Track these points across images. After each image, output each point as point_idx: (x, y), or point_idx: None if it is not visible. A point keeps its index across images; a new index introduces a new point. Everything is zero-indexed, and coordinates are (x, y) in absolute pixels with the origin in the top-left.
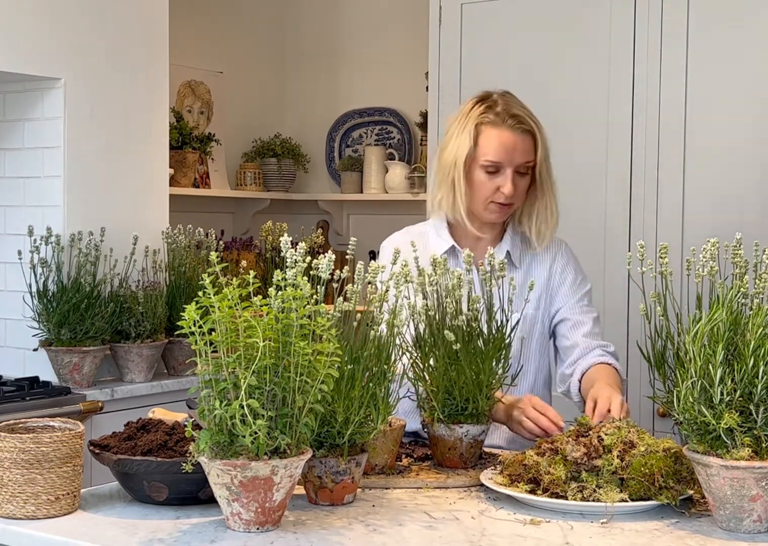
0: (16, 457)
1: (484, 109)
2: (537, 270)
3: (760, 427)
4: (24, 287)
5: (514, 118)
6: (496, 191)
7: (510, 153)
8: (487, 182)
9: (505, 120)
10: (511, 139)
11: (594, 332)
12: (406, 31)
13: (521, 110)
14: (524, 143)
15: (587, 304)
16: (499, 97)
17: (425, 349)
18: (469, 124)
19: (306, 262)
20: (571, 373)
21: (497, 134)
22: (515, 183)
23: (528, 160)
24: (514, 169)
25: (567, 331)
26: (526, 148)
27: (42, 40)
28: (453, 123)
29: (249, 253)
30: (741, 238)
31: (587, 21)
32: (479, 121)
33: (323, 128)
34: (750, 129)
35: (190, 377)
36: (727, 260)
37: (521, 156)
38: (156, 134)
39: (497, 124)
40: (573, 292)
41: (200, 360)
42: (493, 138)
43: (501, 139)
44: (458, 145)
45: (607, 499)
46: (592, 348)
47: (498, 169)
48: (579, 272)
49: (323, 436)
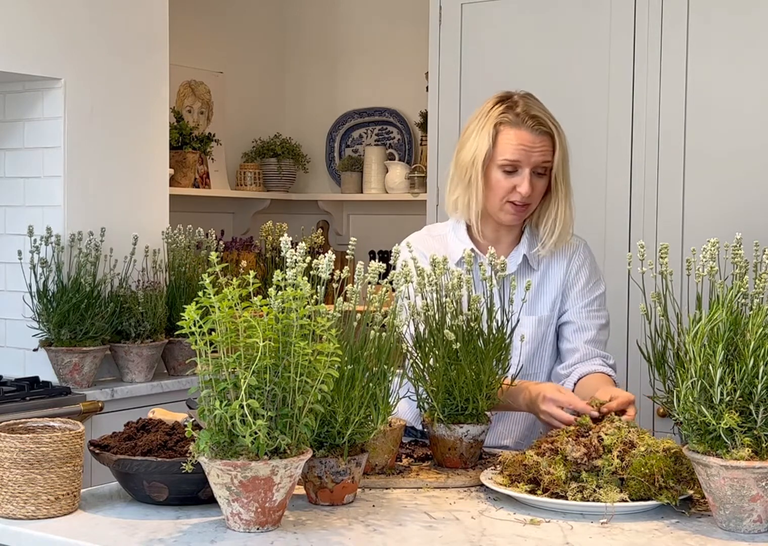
0: (16, 457)
1: (504, 109)
2: (553, 271)
3: (760, 427)
4: (24, 287)
5: (534, 119)
6: (512, 191)
7: (528, 153)
8: (503, 181)
9: (525, 120)
10: (530, 139)
11: (597, 340)
12: (406, 31)
13: (541, 112)
14: (543, 144)
15: (597, 308)
16: (520, 98)
17: (425, 349)
18: (488, 124)
19: (306, 262)
20: (568, 374)
21: (516, 134)
22: (532, 183)
23: (546, 160)
24: (532, 169)
25: (570, 334)
26: (545, 149)
27: (42, 40)
28: (472, 122)
29: (249, 253)
30: (741, 238)
31: (587, 21)
32: (499, 120)
33: (323, 128)
34: (750, 129)
35: (190, 377)
36: (727, 260)
37: (539, 156)
38: (156, 134)
39: (517, 125)
40: (584, 295)
41: (200, 360)
42: (512, 138)
43: (520, 139)
44: (477, 145)
45: (607, 499)
46: (592, 356)
47: (515, 168)
48: (594, 274)
49: (323, 436)
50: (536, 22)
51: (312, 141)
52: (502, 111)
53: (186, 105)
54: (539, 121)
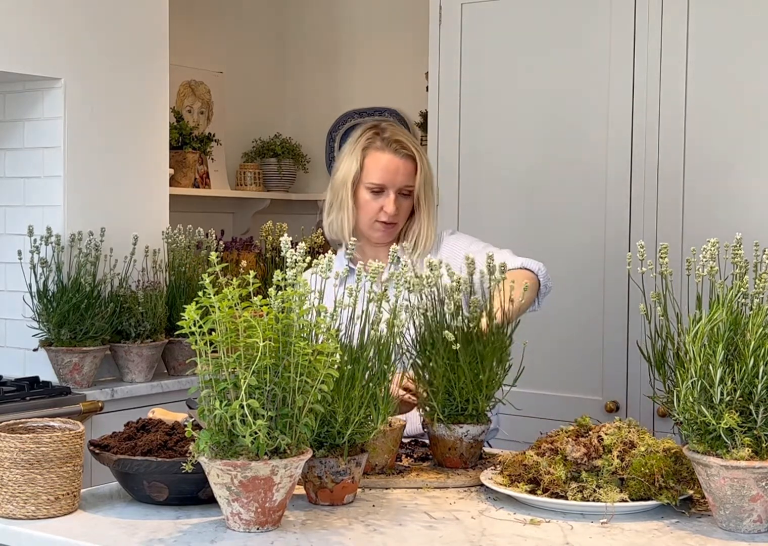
0: (16, 457)
1: (371, 135)
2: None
3: (760, 427)
4: (24, 287)
5: (398, 143)
6: (379, 211)
7: (392, 176)
8: (371, 202)
9: (390, 144)
10: (394, 162)
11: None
12: (406, 31)
13: (405, 137)
14: (406, 167)
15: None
16: (388, 125)
17: (425, 349)
18: (357, 148)
19: (306, 262)
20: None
21: (381, 157)
22: (397, 204)
23: (409, 184)
24: (397, 191)
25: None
26: (407, 172)
27: (42, 40)
28: (345, 148)
29: (249, 253)
30: (741, 238)
31: (587, 21)
32: (366, 145)
33: (323, 128)
34: (750, 128)
35: (190, 377)
36: (727, 260)
37: (403, 179)
38: (156, 134)
39: (382, 149)
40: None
41: (200, 360)
42: (378, 161)
43: (384, 163)
44: (347, 168)
45: (607, 499)
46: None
47: (382, 190)
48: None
49: (323, 436)
50: (536, 22)
51: (312, 141)
52: (369, 137)
53: (186, 105)
54: (402, 145)
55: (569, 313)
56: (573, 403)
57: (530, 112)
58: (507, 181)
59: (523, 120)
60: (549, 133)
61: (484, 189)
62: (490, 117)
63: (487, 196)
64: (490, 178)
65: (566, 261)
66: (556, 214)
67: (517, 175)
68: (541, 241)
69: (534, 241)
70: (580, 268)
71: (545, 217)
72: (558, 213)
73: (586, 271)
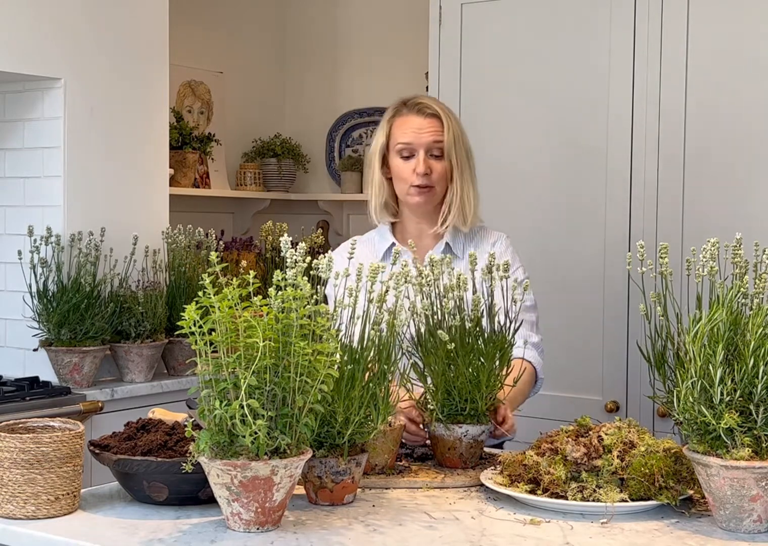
0: (16, 457)
1: (398, 105)
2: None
3: (760, 427)
4: (24, 287)
5: (420, 104)
6: (413, 174)
7: (417, 133)
8: (403, 167)
9: (412, 108)
10: (418, 121)
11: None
12: (406, 31)
13: (430, 100)
14: (431, 125)
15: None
16: (413, 96)
17: (424, 349)
18: (384, 121)
19: (306, 262)
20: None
21: (405, 120)
22: (429, 164)
23: (437, 140)
24: (426, 150)
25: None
26: (434, 129)
27: (42, 40)
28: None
29: (249, 253)
30: (741, 238)
31: (587, 21)
32: (392, 114)
33: (323, 128)
34: (750, 128)
35: (190, 377)
36: (727, 260)
37: (429, 136)
38: (156, 134)
39: (405, 113)
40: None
41: (200, 360)
42: (402, 124)
43: (408, 124)
44: (376, 141)
45: (607, 499)
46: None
47: (411, 153)
48: (515, 262)
49: (323, 436)
50: (536, 22)
51: (312, 141)
52: (396, 107)
53: (186, 105)
54: (425, 105)
55: (569, 313)
56: (573, 403)
57: (530, 112)
58: (506, 181)
59: (523, 120)
60: (549, 133)
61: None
62: (490, 117)
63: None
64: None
65: (566, 261)
66: (556, 214)
67: (516, 175)
68: (541, 241)
69: (534, 241)
70: (580, 268)
71: (545, 217)
72: (558, 213)
73: (586, 271)
